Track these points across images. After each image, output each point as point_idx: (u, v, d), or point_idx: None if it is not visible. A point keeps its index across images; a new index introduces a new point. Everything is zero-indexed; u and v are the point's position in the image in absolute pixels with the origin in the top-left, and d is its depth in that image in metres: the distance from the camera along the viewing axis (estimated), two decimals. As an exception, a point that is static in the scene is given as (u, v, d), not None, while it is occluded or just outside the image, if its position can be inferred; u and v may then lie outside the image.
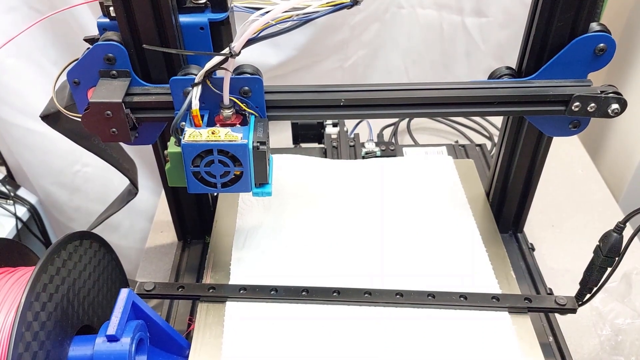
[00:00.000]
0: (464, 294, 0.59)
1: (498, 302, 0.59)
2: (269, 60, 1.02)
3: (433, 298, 0.59)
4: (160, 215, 0.86)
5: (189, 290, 0.61)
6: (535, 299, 0.60)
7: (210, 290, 0.61)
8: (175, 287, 0.61)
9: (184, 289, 0.61)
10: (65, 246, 0.53)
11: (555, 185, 0.90)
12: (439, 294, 0.59)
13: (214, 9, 0.51)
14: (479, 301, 0.59)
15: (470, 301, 0.59)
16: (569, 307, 0.59)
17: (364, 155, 0.87)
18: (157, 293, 0.61)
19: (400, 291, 0.59)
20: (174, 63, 0.52)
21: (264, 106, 0.52)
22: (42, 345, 0.46)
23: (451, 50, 1.09)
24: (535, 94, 0.53)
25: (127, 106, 0.50)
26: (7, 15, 0.90)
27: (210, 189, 0.51)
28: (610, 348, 0.66)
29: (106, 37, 0.50)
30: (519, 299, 0.59)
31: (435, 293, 0.59)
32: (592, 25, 0.51)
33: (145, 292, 0.61)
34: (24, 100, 0.96)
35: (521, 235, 0.74)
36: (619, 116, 0.52)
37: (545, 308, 0.60)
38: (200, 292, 0.61)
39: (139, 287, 0.61)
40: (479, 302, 0.59)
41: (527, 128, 0.62)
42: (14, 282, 0.52)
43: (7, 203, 1.09)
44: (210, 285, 0.61)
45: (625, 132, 1.06)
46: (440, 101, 0.54)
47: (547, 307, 0.60)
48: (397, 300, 0.59)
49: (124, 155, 0.70)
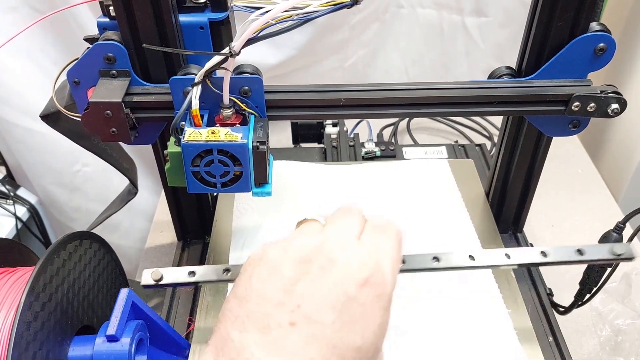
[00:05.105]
0: (472, 255, 0.48)
1: (509, 259, 0.48)
2: (269, 60, 1.02)
3: (438, 261, 0.48)
4: (160, 215, 0.86)
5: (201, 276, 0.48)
6: (588, 250, 0.48)
7: (225, 272, 0.47)
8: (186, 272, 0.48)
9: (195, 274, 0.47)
10: (65, 246, 0.53)
11: (555, 185, 0.90)
12: (445, 256, 0.48)
13: (214, 8, 0.51)
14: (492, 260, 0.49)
15: (480, 261, 0.48)
16: (626, 256, 0.48)
17: (364, 155, 0.87)
18: (167, 283, 0.47)
19: (403, 257, 0.48)
20: (174, 63, 0.52)
21: (263, 106, 0.52)
22: (42, 345, 0.46)
23: (451, 50, 1.09)
24: (535, 93, 0.53)
25: (127, 106, 0.50)
26: (7, 15, 0.90)
27: (210, 189, 0.51)
28: (610, 348, 0.66)
29: (106, 36, 0.50)
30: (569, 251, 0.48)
31: (441, 255, 0.48)
32: (592, 25, 0.51)
33: (155, 281, 0.47)
34: (24, 100, 0.96)
35: (521, 235, 0.74)
36: (619, 116, 0.52)
37: (600, 260, 0.49)
38: (215, 276, 0.47)
39: (146, 277, 0.48)
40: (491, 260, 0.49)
41: (527, 128, 0.62)
42: (13, 282, 0.52)
43: (7, 203, 1.09)
44: (226, 267, 0.47)
45: (625, 132, 1.06)
46: (440, 101, 0.54)
47: (603, 258, 0.48)
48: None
49: (123, 155, 0.70)
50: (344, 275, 0.32)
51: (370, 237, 0.36)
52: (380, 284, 0.33)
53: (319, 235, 0.35)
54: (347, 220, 0.37)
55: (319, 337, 0.30)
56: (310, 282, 0.32)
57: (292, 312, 0.31)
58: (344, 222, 0.36)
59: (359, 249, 0.34)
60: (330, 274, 0.32)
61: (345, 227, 0.36)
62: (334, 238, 0.35)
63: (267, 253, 0.34)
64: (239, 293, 0.33)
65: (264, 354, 0.30)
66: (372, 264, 0.33)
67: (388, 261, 0.34)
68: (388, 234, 0.36)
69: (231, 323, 0.32)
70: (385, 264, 0.34)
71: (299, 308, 0.31)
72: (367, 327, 0.32)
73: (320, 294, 0.32)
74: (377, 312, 0.32)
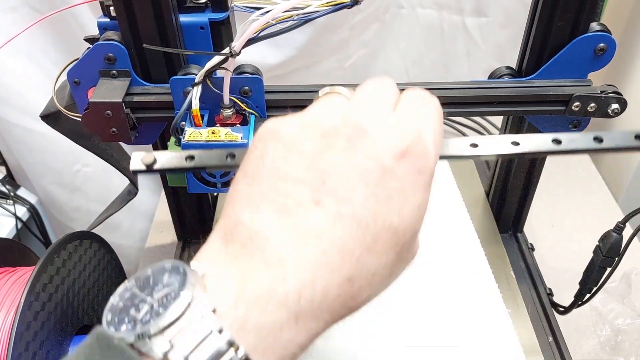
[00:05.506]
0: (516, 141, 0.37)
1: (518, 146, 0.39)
2: (269, 60, 1.02)
3: (476, 147, 0.36)
4: (160, 215, 0.86)
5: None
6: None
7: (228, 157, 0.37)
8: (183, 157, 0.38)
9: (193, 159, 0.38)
10: (65, 246, 0.53)
11: (555, 185, 0.90)
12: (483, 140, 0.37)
13: (214, 8, 0.51)
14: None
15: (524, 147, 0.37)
16: None
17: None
18: (162, 168, 0.38)
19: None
20: (174, 63, 0.52)
21: (264, 106, 0.52)
22: (41, 345, 0.46)
23: (451, 50, 1.09)
24: (535, 93, 0.53)
25: (127, 106, 0.50)
26: (7, 15, 0.90)
27: (210, 189, 0.51)
28: (610, 348, 0.66)
29: (106, 36, 0.50)
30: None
31: (479, 141, 0.36)
32: (592, 25, 0.51)
33: (147, 166, 0.38)
34: (24, 100, 0.96)
35: (521, 235, 0.74)
36: (619, 116, 0.52)
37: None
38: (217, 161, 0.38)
39: (136, 161, 0.37)
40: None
41: (527, 128, 0.62)
42: (13, 282, 0.52)
43: (7, 203, 1.09)
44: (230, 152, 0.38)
45: (625, 132, 1.06)
46: (441, 101, 0.53)
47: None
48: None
49: (124, 155, 0.70)
50: (378, 145, 0.27)
51: (407, 107, 0.30)
52: (422, 156, 0.27)
53: (344, 105, 0.29)
54: (379, 89, 0.30)
55: (349, 217, 0.25)
56: (337, 156, 0.27)
57: (316, 189, 0.26)
58: (375, 90, 0.30)
59: (396, 118, 0.29)
60: (362, 144, 0.27)
61: (377, 96, 0.30)
62: (365, 107, 0.29)
63: (280, 126, 0.29)
64: (249, 172, 0.28)
65: (281, 238, 0.25)
66: (412, 133, 0.28)
67: (430, 132, 0.29)
68: (429, 104, 0.30)
69: (241, 205, 0.26)
70: (427, 135, 0.28)
71: (324, 184, 0.26)
72: (405, 206, 0.27)
73: (350, 167, 0.26)
74: (417, 189, 0.27)
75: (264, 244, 0.25)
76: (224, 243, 0.26)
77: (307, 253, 0.25)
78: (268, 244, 0.25)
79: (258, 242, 0.25)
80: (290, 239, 0.25)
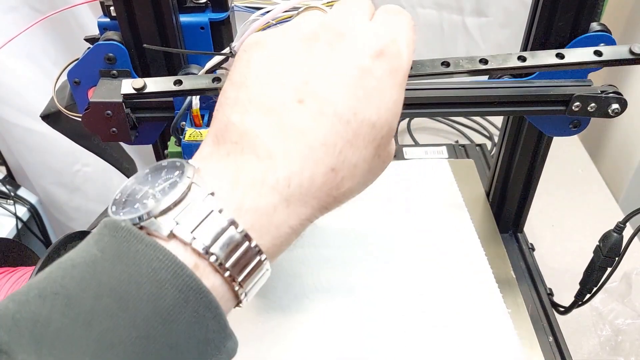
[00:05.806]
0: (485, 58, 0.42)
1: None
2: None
3: (447, 66, 0.41)
4: (160, 215, 0.86)
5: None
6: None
7: (214, 81, 0.41)
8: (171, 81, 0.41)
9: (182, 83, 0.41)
10: (65, 246, 0.53)
11: (555, 185, 0.90)
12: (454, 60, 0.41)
13: (215, 8, 0.51)
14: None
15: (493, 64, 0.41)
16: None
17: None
18: (150, 92, 0.41)
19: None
20: (175, 63, 0.52)
21: (264, 106, 0.52)
22: (42, 345, 0.46)
23: (451, 50, 1.09)
24: (536, 94, 0.53)
25: (127, 106, 0.50)
26: (8, 15, 0.90)
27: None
28: (610, 348, 0.66)
29: (107, 36, 0.50)
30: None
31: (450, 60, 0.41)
32: (592, 25, 0.51)
33: (137, 90, 0.41)
34: (24, 100, 0.96)
35: (521, 235, 0.74)
36: (619, 116, 0.52)
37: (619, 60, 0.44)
38: (203, 85, 0.41)
39: (127, 86, 0.41)
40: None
41: (527, 128, 0.62)
42: (14, 282, 0.52)
43: (7, 203, 1.09)
44: (215, 76, 0.41)
45: (626, 132, 1.06)
46: (440, 101, 0.54)
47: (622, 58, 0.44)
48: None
49: (124, 155, 0.70)
50: (356, 47, 0.29)
51: (382, 16, 0.32)
52: (395, 56, 0.30)
53: (323, 15, 0.32)
54: (356, 1, 0.33)
55: (331, 113, 0.28)
56: (318, 58, 0.29)
57: (299, 89, 0.28)
58: (352, 2, 0.33)
59: (371, 25, 0.31)
60: (340, 47, 0.29)
61: (354, 7, 0.32)
62: (342, 16, 0.31)
63: (264, 36, 0.31)
64: (237, 79, 0.30)
65: (270, 136, 0.27)
66: (387, 36, 0.30)
67: (403, 37, 0.31)
68: (401, 16, 0.33)
69: (230, 108, 0.29)
70: (400, 39, 0.31)
71: (306, 85, 0.28)
72: (382, 103, 0.29)
73: (331, 68, 0.29)
74: (392, 87, 0.30)
75: (254, 140, 0.28)
76: (216, 144, 0.29)
77: (294, 147, 0.27)
78: (258, 140, 0.27)
79: (248, 140, 0.28)
80: (278, 136, 0.28)
